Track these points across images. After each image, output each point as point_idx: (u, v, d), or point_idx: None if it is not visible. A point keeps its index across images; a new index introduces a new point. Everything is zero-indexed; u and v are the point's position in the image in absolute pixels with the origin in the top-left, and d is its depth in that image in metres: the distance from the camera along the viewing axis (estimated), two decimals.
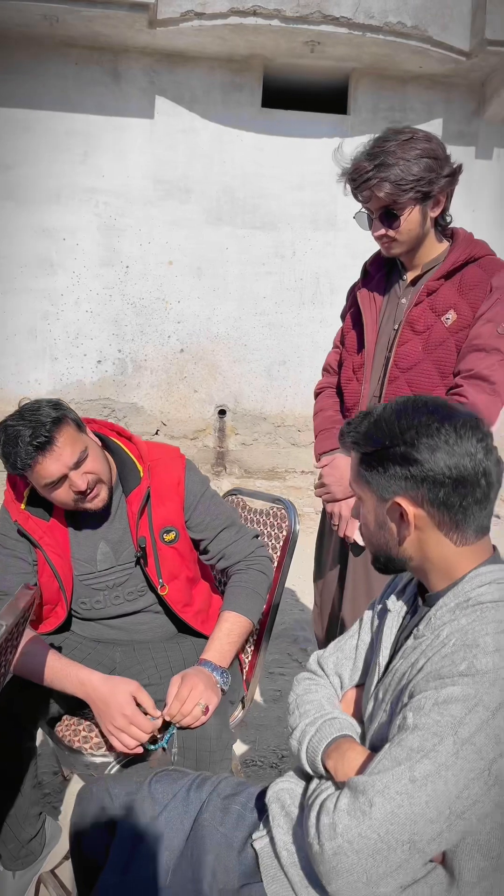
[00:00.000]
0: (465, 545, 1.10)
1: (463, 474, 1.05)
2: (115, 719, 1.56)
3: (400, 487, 1.09)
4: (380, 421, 1.12)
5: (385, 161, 1.69)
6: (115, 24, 5.59)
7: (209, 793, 1.34)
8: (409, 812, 0.94)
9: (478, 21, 5.66)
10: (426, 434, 1.07)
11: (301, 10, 5.45)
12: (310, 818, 1.05)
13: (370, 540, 1.19)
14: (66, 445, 1.63)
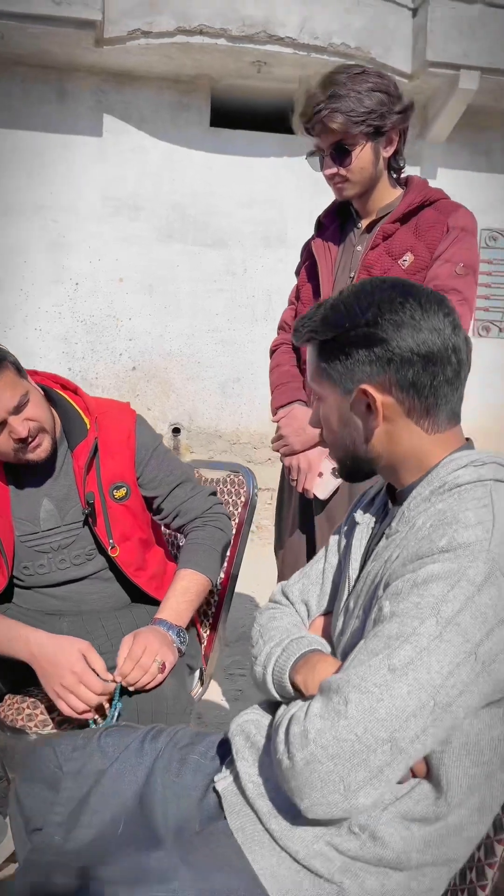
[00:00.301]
0: (437, 433, 1.01)
1: (432, 350, 0.97)
2: (64, 677, 1.42)
3: (364, 374, 1.00)
4: (337, 304, 1.03)
5: (337, 92, 1.65)
6: (62, 42, 5.58)
7: (165, 743, 1.21)
8: (389, 706, 0.83)
9: (419, 44, 5.82)
10: (389, 310, 0.98)
11: (247, 29, 5.53)
12: (278, 734, 0.93)
13: (334, 443, 1.10)
14: (4, 388, 1.52)
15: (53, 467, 1.67)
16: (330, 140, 1.71)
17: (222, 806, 1.04)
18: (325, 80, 1.70)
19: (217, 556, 1.72)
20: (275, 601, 1.23)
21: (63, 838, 1.09)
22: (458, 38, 5.69)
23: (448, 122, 6.20)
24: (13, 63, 5.87)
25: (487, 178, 6.54)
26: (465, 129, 6.38)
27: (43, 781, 1.21)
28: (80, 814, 1.10)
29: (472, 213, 1.81)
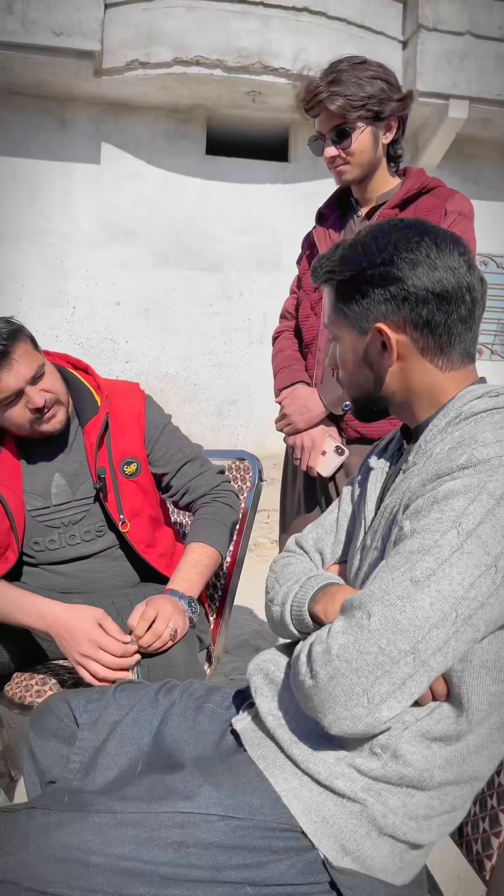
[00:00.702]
0: (451, 371, 1.03)
1: (446, 288, 1.00)
2: (82, 646, 1.42)
3: (380, 312, 1.02)
4: (355, 245, 1.05)
5: (338, 78, 1.72)
6: (61, 72, 5.74)
7: (180, 694, 1.22)
8: (411, 617, 0.85)
9: (409, 74, 6.01)
10: (405, 249, 1.01)
11: (242, 60, 5.70)
12: (300, 658, 0.94)
13: (350, 382, 1.12)
14: (22, 358, 1.54)
15: (65, 443, 1.69)
16: (330, 124, 1.77)
17: (240, 744, 1.04)
18: (328, 68, 1.77)
19: (226, 531, 1.73)
20: (289, 551, 1.24)
21: (80, 782, 1.09)
22: (447, 68, 5.88)
23: (438, 149, 6.37)
24: (13, 92, 6.02)
25: (477, 204, 6.61)
26: (455, 157, 6.56)
27: (57, 736, 1.21)
28: (96, 759, 1.10)
29: (468, 199, 1.87)
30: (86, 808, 0.89)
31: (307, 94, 1.76)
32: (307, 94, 1.76)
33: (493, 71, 6.02)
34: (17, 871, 0.84)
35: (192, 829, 0.88)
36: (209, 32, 5.62)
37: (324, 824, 0.90)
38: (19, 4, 5.42)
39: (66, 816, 0.88)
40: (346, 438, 1.83)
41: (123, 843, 0.86)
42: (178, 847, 0.86)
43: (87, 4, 5.46)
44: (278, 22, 5.71)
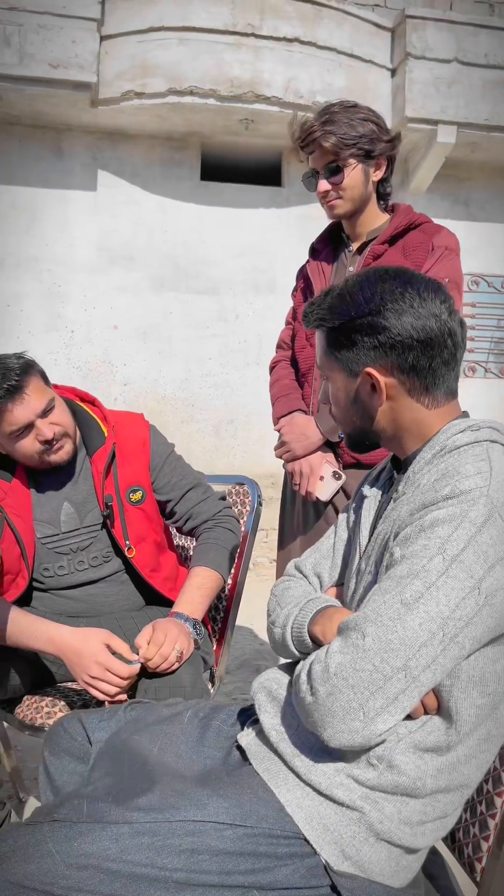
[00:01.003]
0: (437, 408, 1.12)
1: (430, 336, 1.08)
2: (91, 669, 1.48)
3: (369, 358, 1.10)
4: (343, 294, 1.13)
5: (331, 118, 1.82)
6: (58, 102, 5.86)
7: (186, 712, 1.29)
8: (402, 636, 0.92)
9: (398, 101, 6.16)
10: (391, 300, 1.09)
11: (235, 90, 5.84)
12: (300, 677, 1.01)
13: (343, 418, 1.20)
14: (34, 393, 1.63)
15: (73, 472, 1.77)
16: (324, 161, 1.87)
17: (246, 758, 1.11)
18: (321, 110, 1.88)
19: (228, 555, 1.80)
20: (289, 575, 1.31)
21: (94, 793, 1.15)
22: (435, 95, 6.03)
23: (428, 173, 6.51)
24: (11, 123, 6.15)
25: (467, 225, 6.82)
26: (445, 180, 6.69)
27: (71, 754, 1.28)
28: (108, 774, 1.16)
29: (454, 234, 1.96)
30: (104, 818, 0.96)
31: (302, 133, 1.86)
32: (302, 133, 1.86)
33: (480, 97, 6.17)
34: (42, 879, 0.91)
35: (202, 836, 0.94)
36: (202, 63, 5.76)
37: (324, 831, 0.97)
38: (16, 38, 5.55)
39: (87, 827, 0.95)
40: (342, 464, 1.91)
41: (139, 850, 0.93)
42: (190, 854, 0.93)
43: (83, 37, 5.60)
44: (269, 52, 5.86)
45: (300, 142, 1.89)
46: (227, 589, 2.03)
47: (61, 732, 1.30)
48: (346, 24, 6.06)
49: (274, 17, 5.87)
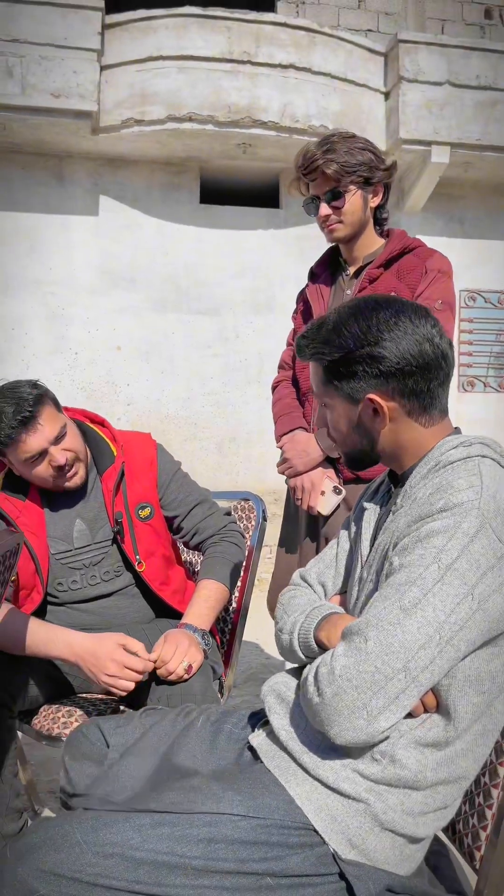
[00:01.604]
0: (432, 426, 1.19)
1: (427, 360, 1.14)
2: (107, 667, 1.56)
3: (371, 385, 1.15)
4: (338, 326, 1.17)
5: (332, 147, 1.92)
6: (60, 131, 6.00)
7: (197, 715, 1.35)
8: (402, 640, 0.99)
9: (392, 123, 6.29)
10: (387, 329, 1.14)
11: (232, 115, 5.97)
12: (307, 679, 1.08)
13: (344, 441, 1.26)
14: (47, 422, 1.70)
15: (85, 491, 1.85)
16: (325, 187, 1.96)
17: (257, 757, 1.18)
18: (321, 139, 1.97)
19: (234, 568, 1.88)
20: (294, 584, 1.38)
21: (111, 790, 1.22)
22: (428, 116, 6.16)
23: (422, 193, 6.63)
24: (14, 151, 6.29)
25: (462, 242, 6.94)
26: (440, 199, 6.82)
27: (90, 759, 1.34)
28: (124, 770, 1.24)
29: (446, 257, 2.05)
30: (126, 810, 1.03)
31: (305, 161, 1.95)
32: (305, 161, 1.95)
33: (472, 117, 6.30)
34: (70, 866, 0.98)
35: (218, 827, 1.01)
36: (200, 90, 5.90)
37: (332, 822, 1.03)
38: (19, 69, 5.70)
39: (111, 818, 1.02)
40: (342, 479, 1.98)
41: (160, 840, 1.00)
42: (207, 843, 1.00)
43: (84, 68, 5.74)
44: (265, 78, 6.00)
45: (303, 169, 1.98)
46: (234, 602, 2.10)
47: (80, 738, 1.36)
48: (340, 50, 6.21)
49: (269, 44, 6.02)
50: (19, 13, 5.66)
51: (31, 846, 1.00)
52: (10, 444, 1.69)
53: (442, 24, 7.22)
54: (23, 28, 5.65)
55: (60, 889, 0.98)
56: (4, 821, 1.67)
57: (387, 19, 7.13)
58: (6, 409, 1.68)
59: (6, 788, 1.66)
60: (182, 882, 0.98)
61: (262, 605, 2.30)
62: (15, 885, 0.98)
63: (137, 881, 0.98)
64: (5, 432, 1.67)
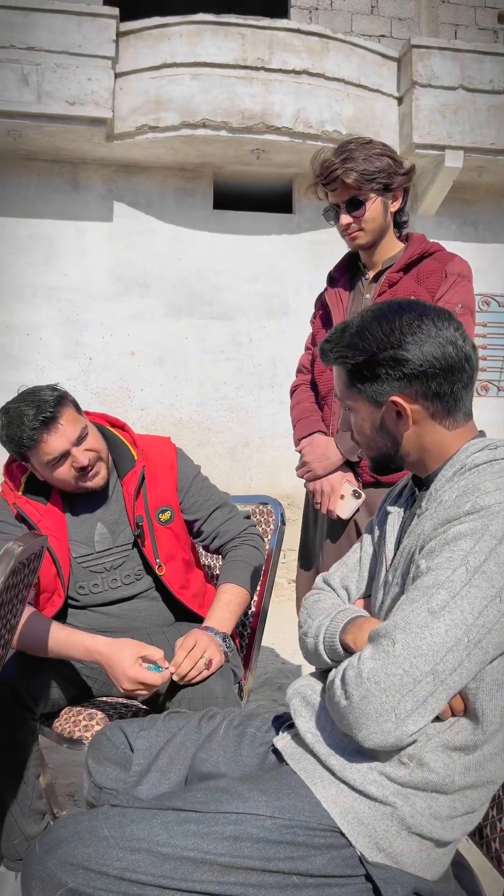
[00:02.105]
0: (456, 429, 1.18)
1: (450, 363, 1.14)
2: (123, 683, 1.56)
3: (394, 388, 1.15)
4: (362, 330, 1.17)
5: (350, 156, 1.91)
6: (75, 138, 6.05)
7: (220, 721, 1.35)
8: (430, 642, 0.99)
9: (405, 128, 6.30)
10: (410, 332, 1.14)
11: (246, 121, 6.01)
12: (334, 682, 1.08)
13: (368, 445, 1.26)
14: (68, 423, 1.71)
15: (106, 494, 1.85)
16: (345, 196, 1.96)
17: (281, 760, 1.18)
18: (339, 147, 1.97)
19: (254, 572, 1.87)
20: (318, 588, 1.38)
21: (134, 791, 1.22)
22: (442, 121, 6.17)
23: (436, 197, 6.64)
24: (30, 159, 6.34)
25: (476, 247, 6.94)
26: (453, 203, 6.82)
27: (114, 762, 1.34)
28: (148, 777, 1.24)
29: (466, 261, 2.04)
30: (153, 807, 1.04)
31: (323, 171, 1.95)
32: (323, 171, 1.95)
33: (486, 122, 6.31)
34: (98, 860, 0.99)
35: (244, 825, 1.01)
36: (214, 97, 5.93)
37: (359, 825, 1.03)
38: (34, 77, 5.76)
39: (138, 814, 1.03)
40: (362, 483, 1.98)
41: (186, 836, 1.00)
42: (233, 841, 1.00)
43: (99, 75, 5.79)
44: (279, 84, 6.03)
45: (322, 179, 1.97)
46: (252, 606, 2.10)
47: (104, 741, 1.37)
48: (354, 56, 6.23)
49: (283, 50, 6.04)
50: (35, 22, 5.72)
51: (60, 840, 1.01)
52: (33, 446, 1.70)
53: (455, 28, 7.22)
54: (38, 37, 5.71)
55: (88, 882, 0.99)
56: (27, 822, 1.68)
57: (400, 25, 7.15)
58: (27, 411, 1.69)
59: (29, 790, 1.67)
60: (208, 878, 0.99)
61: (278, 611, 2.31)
62: (44, 878, 0.99)
63: (164, 876, 0.98)
64: (28, 434, 1.68)
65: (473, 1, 7.29)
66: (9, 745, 1.63)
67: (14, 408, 1.71)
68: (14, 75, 5.68)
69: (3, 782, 1.64)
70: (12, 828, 1.65)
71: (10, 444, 1.72)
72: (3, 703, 1.60)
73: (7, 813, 1.64)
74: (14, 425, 1.69)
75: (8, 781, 1.64)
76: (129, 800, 1.07)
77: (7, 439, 1.72)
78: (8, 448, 1.75)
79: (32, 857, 1.02)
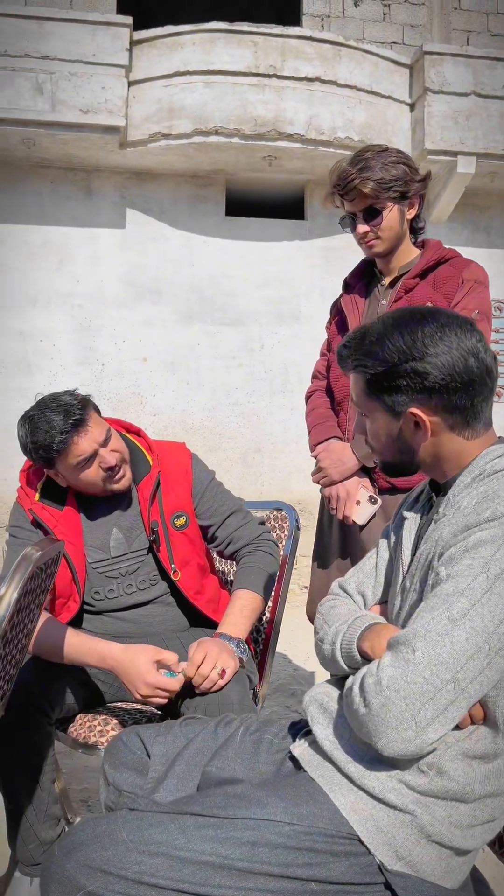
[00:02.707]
0: (475, 438, 1.17)
1: (472, 377, 1.13)
2: (140, 689, 1.56)
3: (414, 400, 1.14)
4: (382, 339, 1.16)
5: (367, 165, 1.92)
6: (88, 146, 6.08)
7: (237, 727, 1.35)
8: (450, 650, 0.99)
9: (417, 134, 6.30)
10: (433, 343, 1.12)
11: (258, 128, 6.01)
12: (353, 690, 1.08)
13: (383, 451, 1.25)
14: (95, 424, 1.74)
15: (122, 499, 1.86)
16: (362, 205, 1.96)
17: (298, 767, 1.17)
18: (355, 156, 1.97)
19: (269, 578, 1.88)
20: (334, 594, 1.38)
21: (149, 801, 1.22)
22: (454, 127, 6.16)
23: (449, 203, 6.62)
24: (43, 166, 6.38)
25: (489, 253, 6.91)
26: (466, 209, 6.81)
27: (130, 767, 1.34)
28: (165, 783, 1.24)
29: (483, 267, 2.04)
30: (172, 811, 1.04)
31: (341, 180, 1.96)
32: (341, 180, 1.96)
33: (499, 128, 6.29)
34: (117, 864, 0.99)
35: (262, 831, 1.01)
36: (227, 104, 5.95)
37: (378, 833, 1.03)
38: (49, 85, 5.79)
39: (156, 818, 1.03)
40: (378, 488, 1.98)
41: (204, 841, 1.00)
42: (252, 846, 1.00)
43: (112, 84, 5.82)
44: (291, 92, 6.03)
45: (339, 189, 1.98)
46: (267, 612, 2.09)
47: (121, 746, 1.37)
48: (366, 63, 6.24)
49: (295, 57, 6.06)
50: (49, 32, 5.76)
51: (79, 843, 1.01)
52: (63, 449, 1.71)
53: (467, 35, 7.22)
54: (52, 46, 5.75)
55: (107, 886, 0.99)
56: (43, 827, 1.68)
57: (412, 31, 7.15)
58: (55, 418, 1.70)
59: (45, 795, 1.67)
60: (226, 883, 0.98)
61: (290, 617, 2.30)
62: (63, 881, 1.00)
63: (182, 880, 0.98)
64: (59, 439, 1.69)
65: (486, 7, 7.29)
66: (25, 751, 1.64)
67: (38, 414, 1.73)
68: (28, 84, 5.71)
69: (20, 787, 1.65)
70: (28, 833, 1.66)
71: (38, 451, 1.73)
72: (21, 706, 1.61)
73: (23, 818, 1.65)
74: (41, 431, 1.70)
75: (24, 786, 1.65)
76: (147, 804, 1.07)
77: (34, 447, 1.73)
78: (33, 455, 1.76)
79: (51, 860, 1.02)
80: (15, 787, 1.64)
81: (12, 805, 1.66)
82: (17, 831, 1.66)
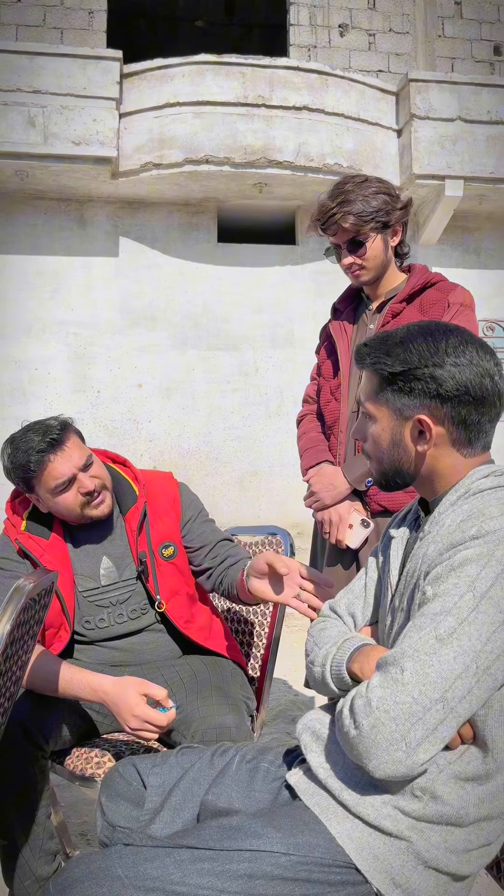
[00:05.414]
0: (472, 458, 1.18)
1: (485, 395, 1.14)
2: (130, 721, 1.54)
3: (425, 406, 1.15)
4: (406, 341, 1.17)
5: (346, 199, 1.94)
6: (81, 176, 6.16)
7: (233, 755, 1.34)
8: (438, 670, 0.99)
9: (405, 159, 6.39)
10: (454, 354, 1.14)
11: (248, 156, 6.11)
12: (343, 712, 1.07)
13: (381, 458, 1.24)
14: (73, 448, 1.74)
15: (110, 528, 1.86)
16: (345, 237, 1.98)
17: (295, 796, 1.16)
18: (334, 189, 2.00)
19: None
20: (324, 616, 1.38)
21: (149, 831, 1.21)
22: (441, 152, 6.25)
23: (437, 226, 6.71)
24: (37, 197, 6.46)
25: (479, 273, 6.99)
26: (455, 231, 6.89)
27: (126, 799, 1.33)
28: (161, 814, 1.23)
29: (468, 291, 2.06)
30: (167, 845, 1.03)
31: (321, 216, 1.98)
32: (321, 216, 1.98)
33: (484, 151, 6.39)
34: None
35: (258, 863, 1.00)
36: (217, 133, 6.04)
37: (375, 861, 1.02)
38: (41, 118, 5.88)
39: (151, 853, 1.02)
40: (370, 512, 1.98)
41: (200, 875, 0.99)
42: (248, 879, 0.99)
43: (103, 116, 5.92)
44: (280, 120, 6.13)
45: (321, 224, 2.00)
46: (263, 638, 2.08)
47: (117, 777, 1.35)
48: (353, 91, 6.35)
49: (283, 87, 6.16)
50: (41, 66, 5.86)
51: (74, 880, 1.00)
52: (39, 469, 1.71)
53: (452, 62, 7.36)
54: (44, 80, 5.84)
55: None
56: (38, 863, 1.66)
57: (397, 59, 7.28)
58: (33, 437, 1.72)
59: (40, 830, 1.65)
60: None
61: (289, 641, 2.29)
62: None
63: None
64: (34, 458, 1.70)
65: (469, 34, 7.43)
66: (20, 785, 1.62)
67: (20, 436, 1.75)
68: (21, 118, 5.80)
69: (15, 823, 1.63)
70: (24, 869, 1.63)
71: (16, 471, 1.74)
72: (15, 742, 1.59)
73: (18, 854, 1.62)
74: (20, 451, 1.72)
75: (19, 822, 1.63)
76: (142, 838, 1.06)
77: (13, 467, 1.74)
78: (13, 477, 1.77)
79: None
80: (9, 822, 1.62)
81: (7, 841, 1.63)
82: (13, 868, 1.64)
